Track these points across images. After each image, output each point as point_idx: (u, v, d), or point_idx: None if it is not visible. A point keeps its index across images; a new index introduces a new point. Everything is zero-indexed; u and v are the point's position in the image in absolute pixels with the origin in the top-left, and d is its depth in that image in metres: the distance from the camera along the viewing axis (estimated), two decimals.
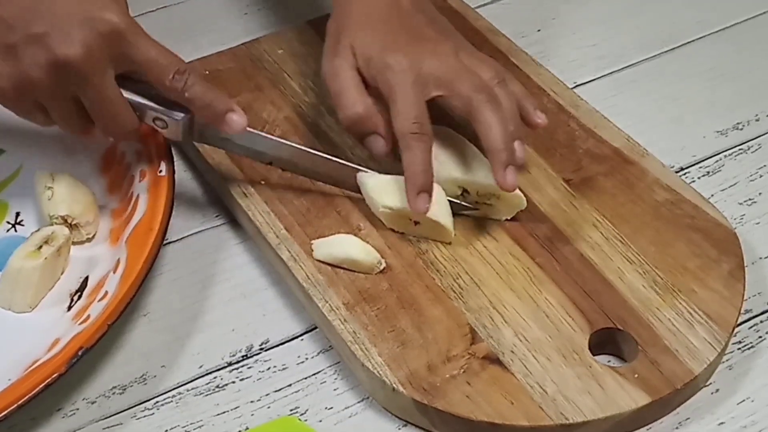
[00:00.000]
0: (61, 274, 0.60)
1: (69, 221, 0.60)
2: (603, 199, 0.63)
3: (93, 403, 0.56)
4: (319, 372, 0.57)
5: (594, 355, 0.55)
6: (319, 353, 0.58)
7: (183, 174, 0.68)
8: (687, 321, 0.56)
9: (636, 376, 0.54)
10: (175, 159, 0.64)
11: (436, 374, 0.54)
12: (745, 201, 0.66)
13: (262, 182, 0.64)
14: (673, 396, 0.53)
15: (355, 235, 0.61)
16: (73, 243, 0.61)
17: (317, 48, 0.73)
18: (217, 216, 0.66)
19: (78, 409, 0.55)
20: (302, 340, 0.59)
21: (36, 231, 0.59)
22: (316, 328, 0.59)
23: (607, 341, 0.56)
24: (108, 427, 0.55)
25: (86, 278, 0.59)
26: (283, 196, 0.63)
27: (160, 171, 0.61)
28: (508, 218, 0.62)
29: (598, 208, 0.62)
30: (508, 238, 0.61)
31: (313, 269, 0.59)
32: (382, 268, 0.59)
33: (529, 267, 0.59)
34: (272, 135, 0.63)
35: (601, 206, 0.62)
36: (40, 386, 0.50)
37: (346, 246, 0.59)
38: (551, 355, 0.55)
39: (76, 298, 0.58)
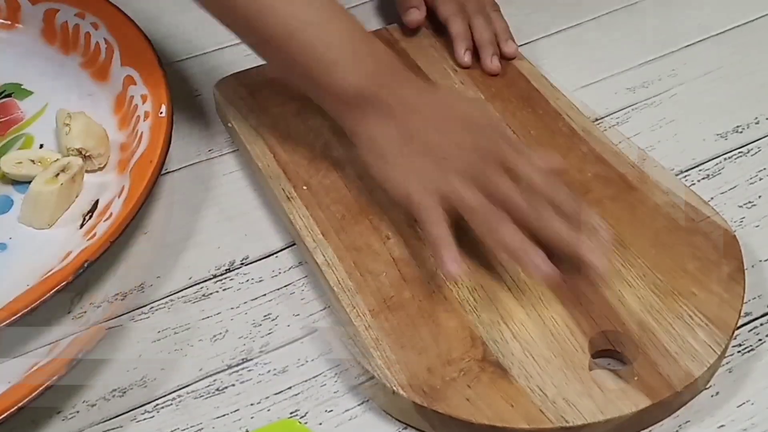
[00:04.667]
0: (76, 197, 0.67)
1: (83, 153, 0.67)
2: (605, 204, 0.64)
3: (93, 405, 0.56)
4: (319, 375, 0.58)
5: (594, 357, 0.56)
6: (319, 356, 0.59)
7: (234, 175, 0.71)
8: (687, 324, 0.56)
9: (636, 378, 0.54)
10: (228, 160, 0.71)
11: (436, 377, 0.54)
12: (744, 204, 0.67)
13: (305, 187, 0.66)
14: (673, 399, 0.54)
15: (384, 243, 0.62)
16: (87, 171, 0.68)
17: None
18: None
19: (78, 411, 0.56)
20: (302, 342, 0.59)
21: (55, 161, 0.67)
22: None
23: (608, 343, 0.57)
24: (108, 430, 0.55)
25: (96, 201, 0.66)
26: (321, 201, 0.65)
27: (161, 113, 0.68)
28: None
29: (599, 212, 0.63)
30: None
31: (344, 274, 0.60)
32: None
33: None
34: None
35: (603, 211, 0.63)
36: (51, 292, 0.56)
37: None
38: (551, 358, 0.55)
39: (87, 217, 0.65)
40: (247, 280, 0.63)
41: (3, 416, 0.50)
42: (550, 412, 0.52)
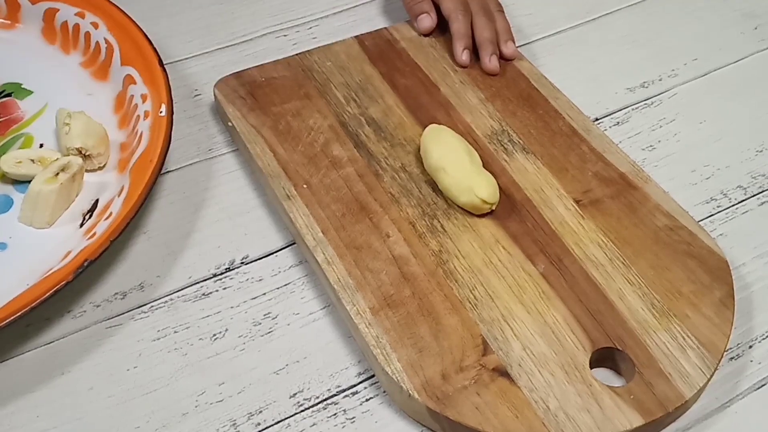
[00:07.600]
0: (76, 196, 0.67)
1: (83, 152, 0.68)
2: (608, 221, 0.64)
3: (98, 306, 0.62)
4: (289, 284, 0.63)
5: (594, 366, 0.56)
6: (290, 268, 0.64)
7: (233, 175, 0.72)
8: (680, 345, 0.57)
9: (632, 397, 0.55)
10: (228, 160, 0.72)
11: (449, 383, 0.55)
12: (646, 147, 0.73)
13: (305, 186, 0.66)
14: (664, 418, 0.55)
15: (384, 241, 0.62)
16: (87, 170, 0.68)
17: (362, 62, 0.77)
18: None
19: (85, 311, 0.62)
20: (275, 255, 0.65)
21: (55, 160, 0.67)
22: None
23: (607, 357, 0.58)
24: (110, 327, 0.61)
25: (96, 201, 0.67)
26: (321, 199, 0.65)
27: (161, 112, 0.69)
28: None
29: (603, 229, 0.64)
30: (521, 252, 0.62)
31: (344, 272, 0.60)
32: None
33: (538, 282, 0.60)
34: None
35: (607, 228, 0.64)
36: (51, 291, 0.58)
37: None
38: (555, 371, 0.56)
39: (87, 217, 0.66)
40: (247, 279, 0.63)
41: (20, 313, 0.56)
42: (552, 425, 0.53)
